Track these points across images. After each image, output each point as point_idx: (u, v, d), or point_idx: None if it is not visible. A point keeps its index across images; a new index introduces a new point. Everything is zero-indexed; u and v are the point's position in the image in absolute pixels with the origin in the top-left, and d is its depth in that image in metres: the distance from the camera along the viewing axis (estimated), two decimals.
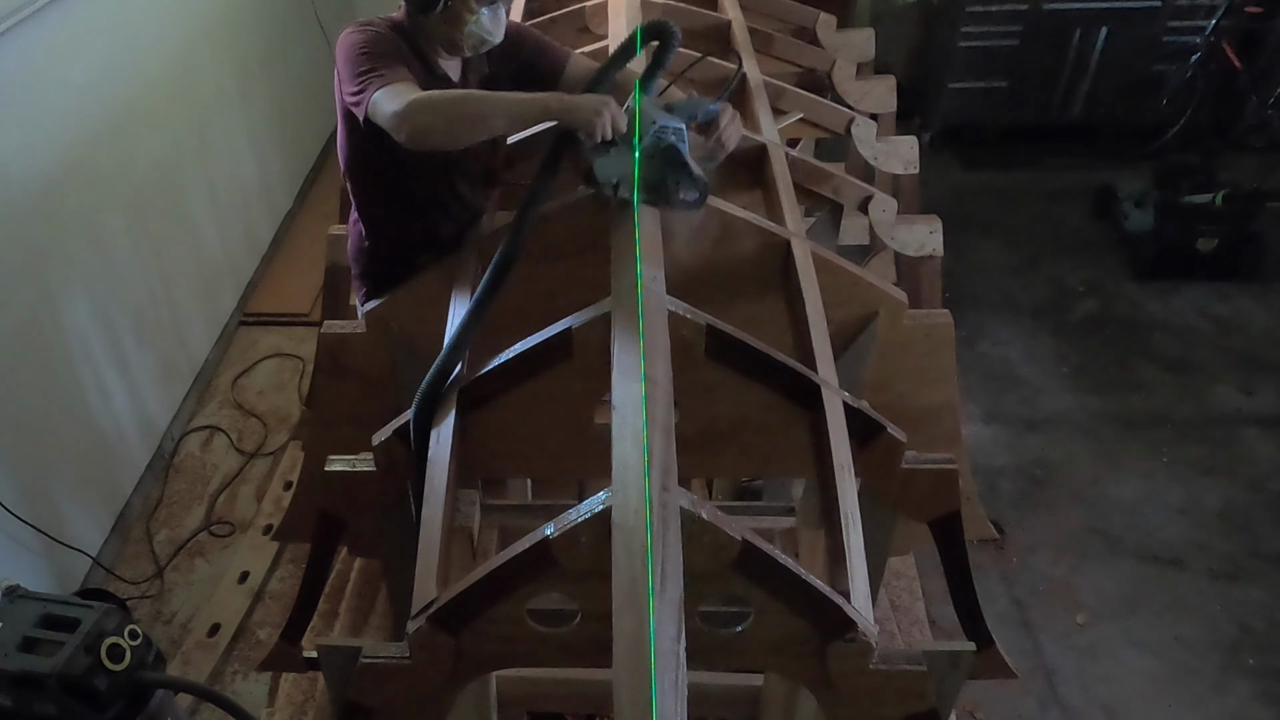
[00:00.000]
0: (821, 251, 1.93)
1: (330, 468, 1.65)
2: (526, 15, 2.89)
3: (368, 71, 1.78)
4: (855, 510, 1.44)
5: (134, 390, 3.44)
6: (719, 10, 3.04)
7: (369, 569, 2.52)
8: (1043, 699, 2.85)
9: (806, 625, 1.29)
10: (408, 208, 2.06)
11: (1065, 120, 5.50)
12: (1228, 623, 3.06)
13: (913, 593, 2.51)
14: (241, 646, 3.01)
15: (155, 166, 3.61)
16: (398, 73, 1.78)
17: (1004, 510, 3.42)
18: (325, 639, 1.40)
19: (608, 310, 1.54)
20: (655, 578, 1.10)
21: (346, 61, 1.84)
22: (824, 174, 2.41)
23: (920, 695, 1.31)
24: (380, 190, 2.06)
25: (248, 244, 4.49)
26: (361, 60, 1.81)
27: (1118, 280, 4.61)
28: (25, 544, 2.78)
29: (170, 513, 3.47)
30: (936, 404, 2.08)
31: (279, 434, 3.77)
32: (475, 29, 1.89)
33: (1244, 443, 3.71)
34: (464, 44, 1.92)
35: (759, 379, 1.57)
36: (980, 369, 4.06)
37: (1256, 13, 5.06)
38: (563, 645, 1.35)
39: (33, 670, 1.43)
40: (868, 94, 3.13)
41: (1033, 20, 5.14)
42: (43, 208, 2.93)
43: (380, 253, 2.13)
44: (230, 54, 4.29)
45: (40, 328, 2.93)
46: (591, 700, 2.15)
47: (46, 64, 2.96)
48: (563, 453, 1.69)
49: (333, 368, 2.08)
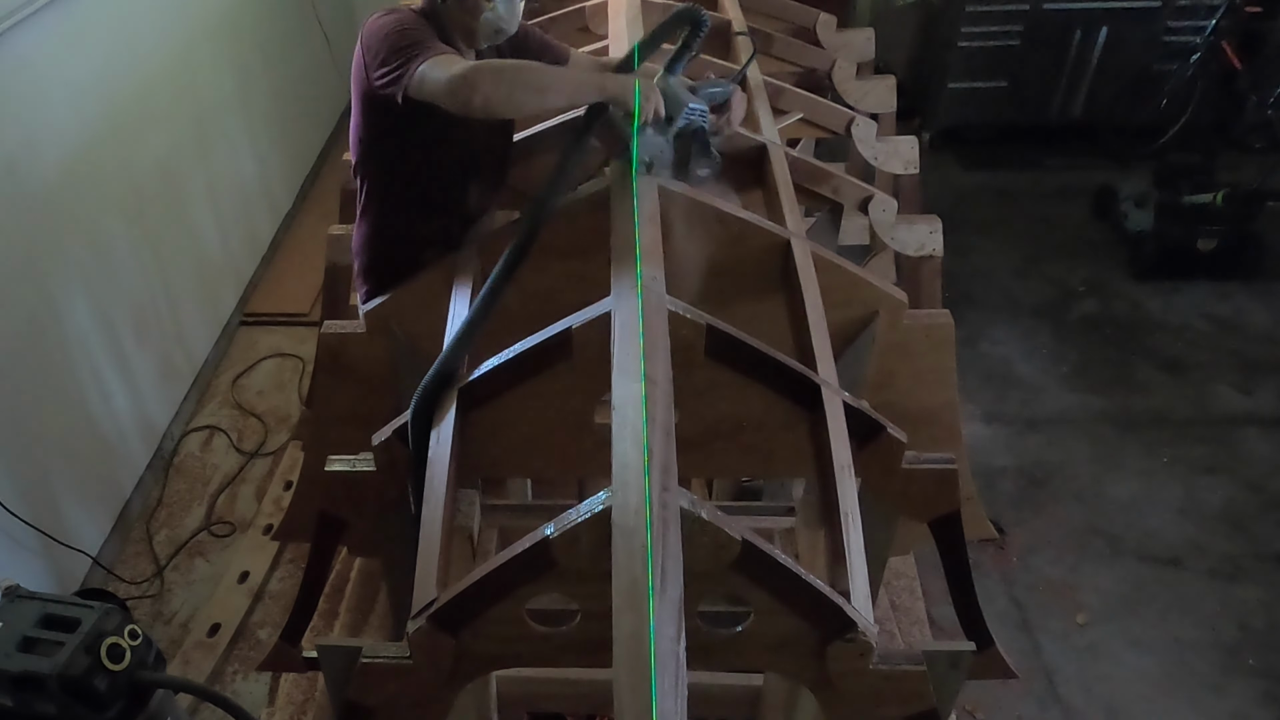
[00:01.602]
0: (821, 251, 1.93)
1: (330, 468, 1.65)
2: (526, 15, 2.87)
3: (407, 47, 1.77)
4: (855, 510, 1.44)
5: (134, 390, 3.44)
6: (719, 10, 3.04)
7: (369, 569, 2.52)
8: (1043, 699, 2.85)
9: (806, 625, 1.29)
10: (419, 202, 2.06)
11: (1065, 120, 5.50)
12: (1228, 623, 3.06)
13: (913, 593, 2.51)
14: (241, 646, 3.01)
15: (155, 166, 3.61)
16: (440, 46, 1.79)
17: (1004, 510, 3.42)
18: (325, 639, 1.40)
19: (608, 310, 1.54)
20: (655, 578, 1.10)
21: (381, 42, 1.82)
22: (824, 174, 2.41)
23: (920, 695, 1.31)
24: (394, 182, 2.05)
25: (248, 244, 4.49)
26: (399, 38, 1.80)
27: (1118, 280, 4.61)
28: (25, 544, 2.78)
29: (170, 513, 3.47)
30: (936, 404, 2.08)
31: (279, 434, 3.77)
32: (492, 16, 1.90)
33: (1244, 443, 3.71)
34: (480, 32, 1.93)
35: (759, 379, 1.57)
36: (980, 369, 4.06)
37: (1256, 13, 5.06)
38: (563, 645, 1.35)
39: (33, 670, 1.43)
40: (868, 94, 3.13)
41: (1033, 20, 5.14)
42: (43, 208, 2.93)
43: (385, 248, 2.12)
44: (231, 54, 4.29)
45: (40, 328, 2.93)
46: (591, 700, 2.15)
47: (46, 64, 2.96)
48: (563, 453, 1.69)
49: (333, 367, 2.08)
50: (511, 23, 1.95)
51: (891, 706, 1.32)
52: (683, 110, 1.88)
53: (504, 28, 1.94)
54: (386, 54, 1.80)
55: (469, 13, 1.90)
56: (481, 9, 1.89)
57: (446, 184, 2.04)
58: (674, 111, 1.87)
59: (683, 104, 1.88)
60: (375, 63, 1.82)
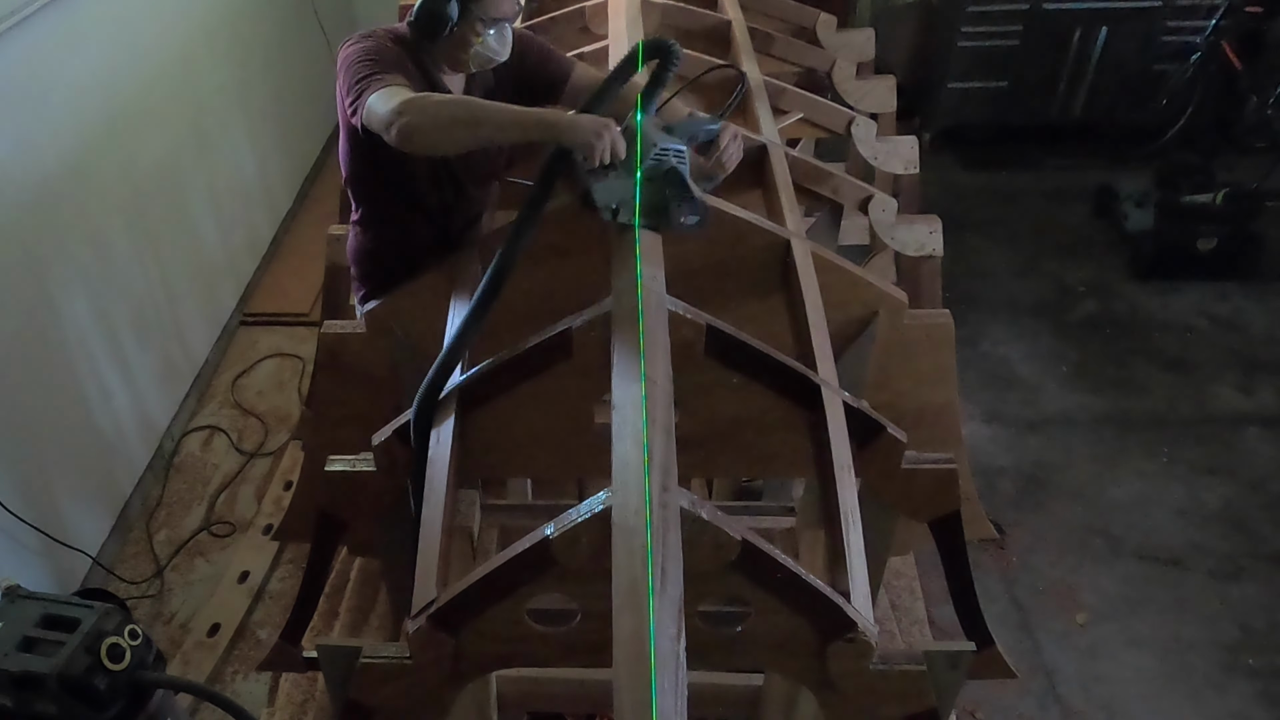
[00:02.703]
0: (821, 251, 1.94)
1: (330, 468, 1.65)
2: (526, 15, 2.89)
3: (365, 77, 1.77)
4: (855, 510, 1.44)
5: (134, 390, 3.44)
6: (719, 10, 3.04)
7: (369, 569, 2.52)
8: (1043, 699, 2.85)
9: (806, 625, 1.29)
10: (409, 216, 2.06)
11: (1065, 120, 5.49)
12: (1228, 623, 3.06)
13: (913, 593, 2.51)
14: (241, 646, 3.01)
15: (155, 166, 3.61)
16: (394, 77, 1.77)
17: (1004, 510, 3.42)
18: (325, 639, 1.40)
19: (607, 310, 1.54)
20: (655, 578, 1.10)
21: (345, 71, 1.83)
22: (824, 174, 2.41)
23: (920, 695, 1.31)
24: (382, 199, 2.06)
25: (248, 244, 4.49)
26: (359, 68, 1.79)
27: (1118, 280, 4.61)
28: (25, 544, 2.78)
29: (170, 513, 3.47)
30: (936, 404, 2.09)
31: (279, 434, 3.77)
32: (482, 50, 1.88)
33: (1244, 443, 3.71)
34: (470, 63, 1.91)
35: (759, 379, 1.57)
36: (980, 369, 4.06)
37: (1256, 13, 5.06)
38: (563, 645, 1.35)
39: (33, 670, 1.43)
40: (868, 94, 3.13)
41: (1033, 20, 5.14)
42: (43, 208, 2.93)
43: (381, 257, 2.12)
44: (230, 54, 4.29)
45: (40, 328, 2.93)
46: (591, 700, 2.15)
47: (46, 64, 2.96)
48: (563, 453, 1.69)
49: (333, 368, 2.08)
50: (503, 52, 1.92)
51: (891, 706, 1.32)
52: (651, 151, 1.69)
53: (494, 58, 1.92)
54: (349, 83, 1.80)
55: (458, 45, 1.88)
56: (471, 43, 1.87)
57: (431, 197, 2.03)
58: (643, 152, 1.68)
59: (653, 144, 1.70)
60: (343, 89, 1.84)
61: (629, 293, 1.53)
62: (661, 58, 1.75)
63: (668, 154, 1.71)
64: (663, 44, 1.75)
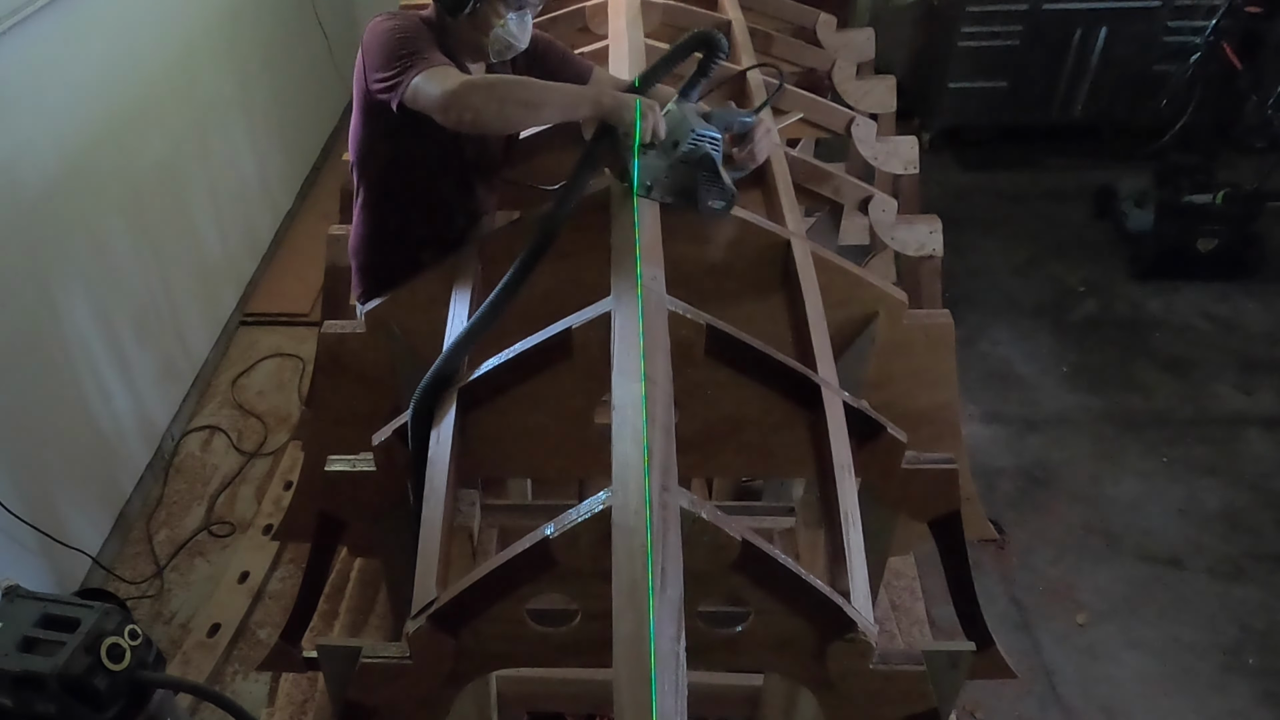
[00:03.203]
0: (821, 251, 1.94)
1: (330, 468, 1.65)
2: None
3: (406, 56, 1.76)
4: (855, 510, 1.44)
5: (134, 390, 3.44)
6: (719, 10, 3.04)
7: (369, 569, 2.53)
8: (1043, 699, 2.85)
9: (806, 625, 1.29)
10: (416, 204, 2.06)
11: (1065, 120, 5.49)
12: (1228, 623, 3.06)
13: (913, 593, 2.52)
14: (241, 646, 3.01)
15: (155, 166, 3.61)
16: (437, 57, 1.77)
17: (1004, 510, 3.42)
18: (325, 639, 1.40)
19: (608, 310, 1.54)
20: (655, 578, 1.10)
21: (380, 47, 1.81)
22: (824, 174, 2.41)
23: (920, 695, 1.31)
24: (391, 185, 2.05)
25: (248, 244, 4.49)
26: (398, 45, 1.78)
27: (1118, 280, 4.61)
28: (25, 544, 2.78)
29: (170, 513, 3.47)
30: (936, 404, 2.09)
31: (279, 434, 3.77)
32: (502, 33, 1.88)
33: (1244, 443, 3.71)
34: (489, 49, 1.91)
35: (759, 379, 1.57)
36: (980, 369, 4.06)
37: (1256, 13, 5.05)
38: (563, 645, 1.35)
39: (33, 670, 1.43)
40: (868, 94, 3.13)
41: (1033, 20, 5.14)
42: (43, 208, 2.93)
43: (382, 247, 2.12)
44: (230, 54, 4.29)
45: (40, 328, 2.93)
46: (591, 700, 2.15)
47: (46, 64, 2.96)
48: (563, 453, 1.69)
49: (333, 367, 2.08)
50: (522, 39, 1.92)
51: (891, 706, 1.32)
52: (689, 134, 1.80)
53: (514, 44, 1.92)
54: (384, 60, 1.79)
55: (478, 28, 1.88)
56: (492, 25, 1.87)
57: (443, 186, 2.04)
58: (679, 135, 1.79)
59: (689, 128, 1.80)
60: (373, 67, 1.82)
61: (629, 293, 1.53)
62: (708, 49, 1.82)
63: (704, 140, 1.81)
64: (711, 36, 1.81)
